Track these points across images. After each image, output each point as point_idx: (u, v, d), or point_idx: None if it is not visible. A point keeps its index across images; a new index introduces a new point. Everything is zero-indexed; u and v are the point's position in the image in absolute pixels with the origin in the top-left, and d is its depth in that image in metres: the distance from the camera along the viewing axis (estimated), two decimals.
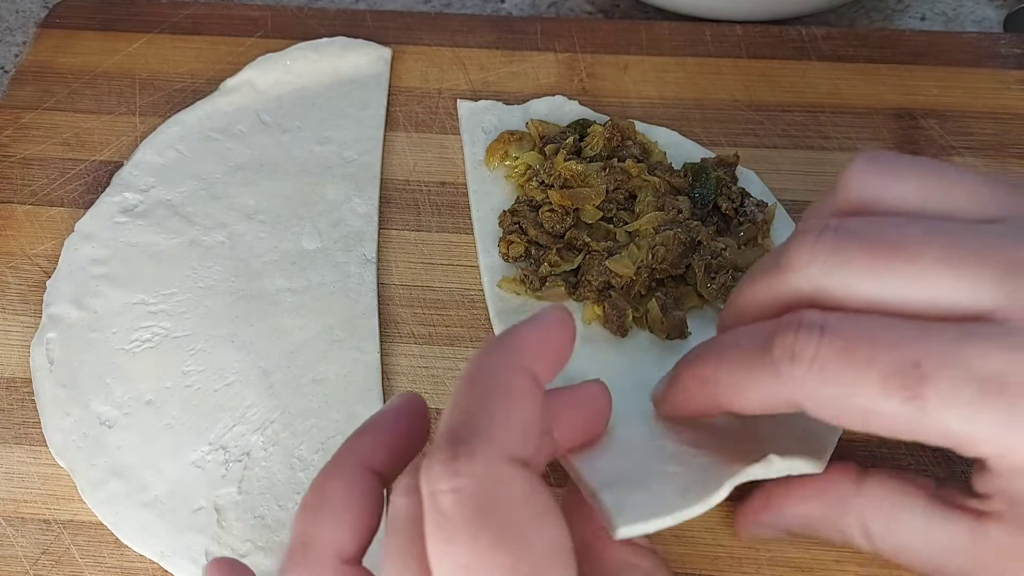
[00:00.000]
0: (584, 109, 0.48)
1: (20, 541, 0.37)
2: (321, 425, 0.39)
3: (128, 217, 0.45)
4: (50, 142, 0.49)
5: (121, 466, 0.38)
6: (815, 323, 0.27)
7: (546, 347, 0.26)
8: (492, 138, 0.47)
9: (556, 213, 0.42)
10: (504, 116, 0.48)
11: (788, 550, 0.35)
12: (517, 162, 0.45)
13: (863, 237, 0.27)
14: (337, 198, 0.46)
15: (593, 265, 0.41)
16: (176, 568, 0.36)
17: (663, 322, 0.39)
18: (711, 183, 0.43)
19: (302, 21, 0.53)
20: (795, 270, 0.28)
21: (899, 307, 0.27)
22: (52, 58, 0.52)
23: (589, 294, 0.41)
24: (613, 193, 0.43)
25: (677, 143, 0.47)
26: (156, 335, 0.41)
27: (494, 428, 0.24)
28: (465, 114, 0.48)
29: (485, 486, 0.23)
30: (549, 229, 0.42)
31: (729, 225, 0.43)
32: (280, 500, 0.37)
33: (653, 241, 0.40)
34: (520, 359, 0.26)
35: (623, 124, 0.45)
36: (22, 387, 0.41)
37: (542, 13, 0.59)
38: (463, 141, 0.47)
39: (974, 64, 0.50)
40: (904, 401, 0.25)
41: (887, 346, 0.26)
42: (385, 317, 0.42)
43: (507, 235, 0.43)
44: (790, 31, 0.52)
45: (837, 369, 0.26)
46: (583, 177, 0.43)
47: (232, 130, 0.48)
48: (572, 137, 0.45)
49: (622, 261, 0.40)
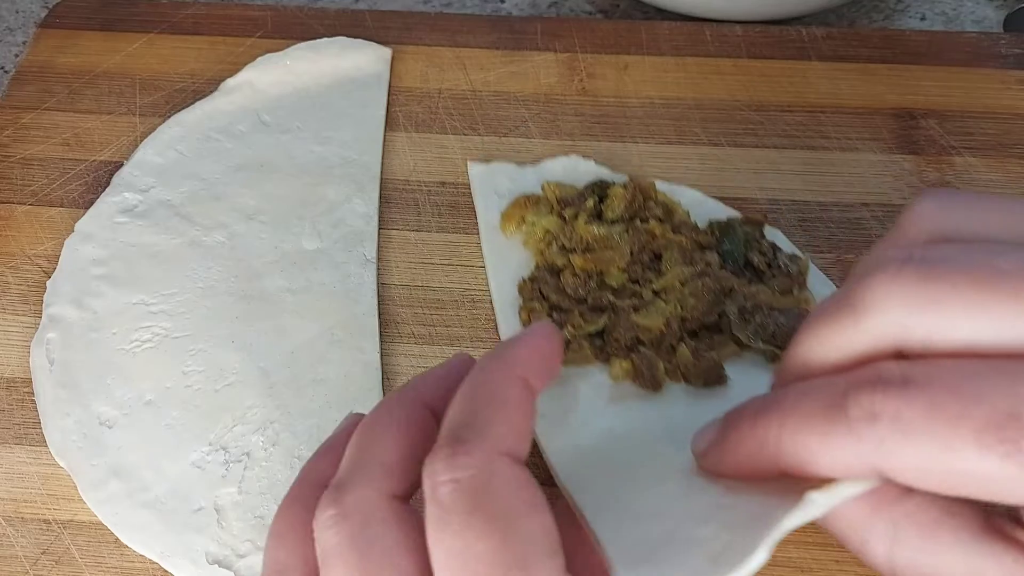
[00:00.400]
0: (601, 169, 0.46)
1: (20, 541, 0.37)
2: (321, 425, 0.39)
3: (128, 217, 0.45)
4: (50, 142, 0.49)
5: (121, 466, 0.38)
6: (895, 377, 0.24)
7: (537, 357, 0.27)
8: (506, 201, 0.44)
9: (579, 277, 0.40)
10: (518, 177, 0.46)
11: (788, 550, 0.35)
12: (535, 228, 0.43)
13: (955, 268, 0.24)
14: (337, 198, 0.46)
15: (620, 322, 0.39)
16: (176, 568, 0.36)
17: (696, 366, 0.37)
18: (739, 238, 0.41)
19: (302, 21, 0.53)
20: (872, 312, 0.25)
21: (993, 348, 0.23)
22: (52, 58, 0.52)
23: (618, 352, 0.38)
24: (638, 255, 0.41)
25: (700, 202, 0.44)
26: (156, 335, 0.41)
27: (491, 428, 0.25)
28: (477, 176, 0.46)
29: (480, 478, 0.24)
30: (572, 293, 0.40)
31: (763, 280, 0.41)
32: (280, 500, 0.37)
33: (681, 292, 0.39)
34: (514, 369, 0.27)
35: (644, 184, 0.43)
36: (22, 387, 0.41)
37: (542, 13, 0.59)
38: (476, 205, 0.45)
39: (974, 64, 0.50)
40: (1004, 457, 0.22)
41: (980, 396, 0.23)
42: (385, 317, 0.42)
43: (528, 303, 0.41)
44: (790, 31, 0.52)
45: (924, 427, 0.23)
46: (605, 240, 0.41)
47: (232, 130, 0.48)
48: (592, 200, 0.43)
49: (651, 314, 0.38)
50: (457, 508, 0.24)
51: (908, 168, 0.46)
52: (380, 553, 0.25)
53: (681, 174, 0.46)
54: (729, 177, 0.46)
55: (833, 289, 0.41)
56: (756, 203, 0.45)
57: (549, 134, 0.48)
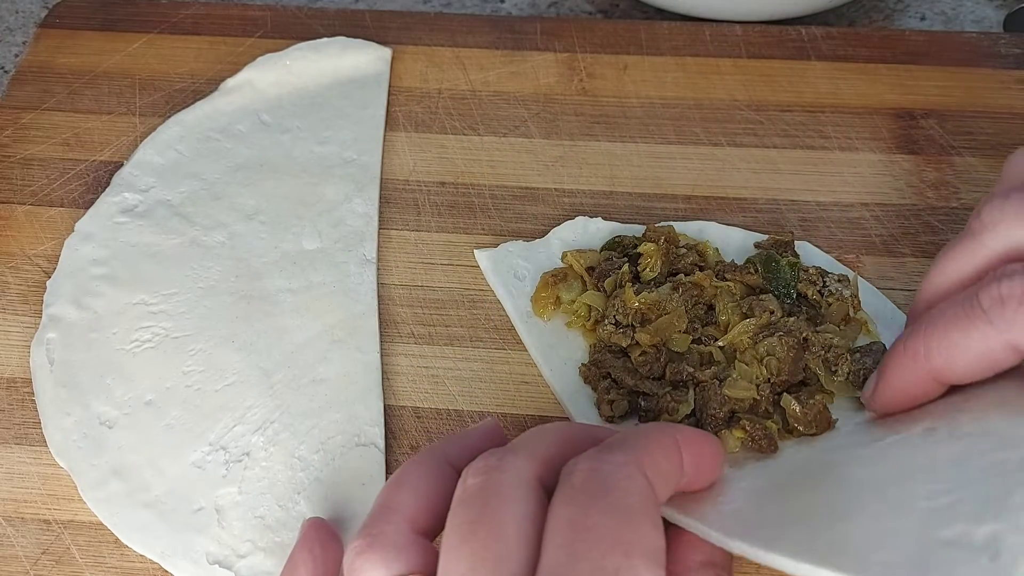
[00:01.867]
0: (612, 224, 0.44)
1: (20, 541, 0.37)
2: (321, 425, 0.39)
3: (128, 217, 0.45)
4: (50, 142, 0.49)
5: (121, 466, 0.38)
6: (1017, 269, 0.29)
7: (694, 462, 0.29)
8: (529, 283, 0.42)
9: (649, 354, 0.38)
10: (531, 255, 0.43)
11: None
12: (575, 306, 0.41)
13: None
14: (337, 198, 0.46)
15: (709, 397, 0.37)
16: (176, 568, 0.36)
17: (805, 415, 0.36)
18: (785, 271, 0.40)
19: (302, 21, 0.53)
20: (988, 230, 0.30)
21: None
22: (52, 58, 0.52)
23: (717, 425, 0.37)
24: (691, 311, 0.39)
25: (722, 234, 0.43)
26: (156, 335, 0.41)
27: (639, 441, 0.28)
28: (488, 264, 0.43)
29: (615, 475, 0.26)
30: (647, 373, 0.38)
31: (818, 309, 0.40)
32: (280, 500, 0.37)
33: (758, 354, 0.38)
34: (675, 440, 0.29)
35: (669, 233, 0.42)
36: (22, 387, 0.41)
37: (542, 13, 0.59)
38: (498, 295, 0.42)
39: (974, 64, 0.50)
40: None
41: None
42: (385, 317, 0.42)
43: (604, 394, 0.38)
44: (790, 31, 0.52)
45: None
46: (659, 305, 0.39)
47: (232, 130, 0.48)
48: (625, 264, 0.41)
49: (739, 384, 0.37)
50: (586, 488, 0.26)
51: (908, 168, 0.46)
52: (500, 503, 0.27)
53: (681, 174, 0.46)
54: (729, 177, 0.46)
55: (876, 291, 0.41)
56: (756, 203, 0.45)
57: (549, 134, 0.48)
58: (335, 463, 0.38)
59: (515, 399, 0.40)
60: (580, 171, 0.47)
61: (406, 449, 0.39)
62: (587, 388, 0.39)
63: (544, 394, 0.40)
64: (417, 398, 0.40)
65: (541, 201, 0.46)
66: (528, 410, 0.40)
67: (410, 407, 0.40)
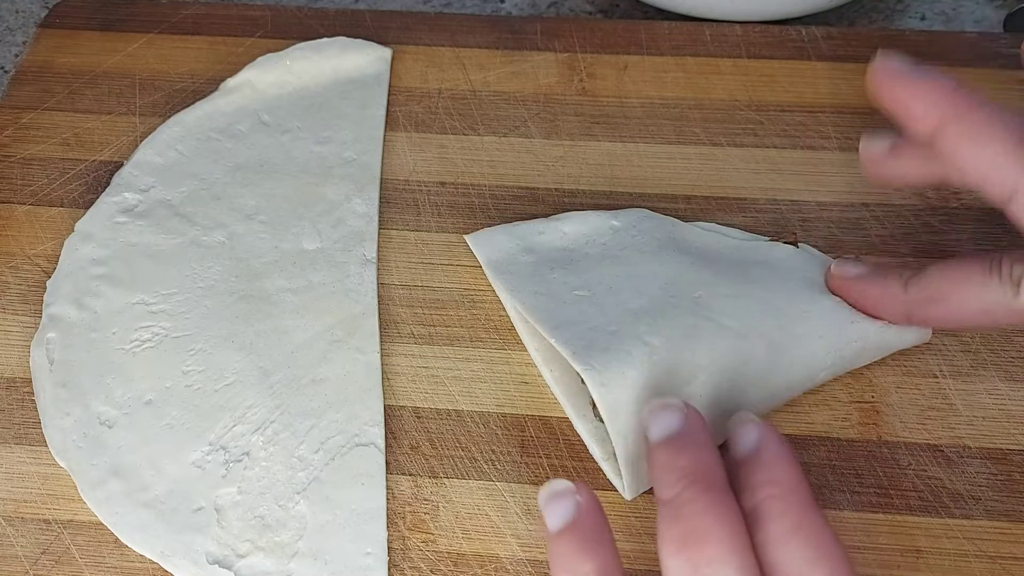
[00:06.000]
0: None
1: (20, 541, 0.37)
2: (321, 425, 0.39)
3: (128, 217, 0.45)
4: (50, 142, 0.49)
5: (121, 466, 0.38)
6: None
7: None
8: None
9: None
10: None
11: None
12: None
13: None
14: (337, 198, 0.46)
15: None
16: (176, 568, 0.36)
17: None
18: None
19: (302, 21, 0.53)
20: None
21: None
22: (52, 58, 0.52)
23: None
24: None
25: (723, 235, 0.43)
26: (156, 335, 0.41)
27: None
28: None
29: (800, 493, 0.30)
30: None
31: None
32: (280, 500, 0.37)
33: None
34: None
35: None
36: (22, 387, 0.41)
37: (542, 13, 0.59)
38: (502, 303, 0.42)
39: (974, 64, 0.50)
40: None
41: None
42: (385, 317, 0.42)
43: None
44: (790, 31, 0.52)
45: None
46: None
47: (232, 130, 0.48)
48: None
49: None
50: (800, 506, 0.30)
51: None
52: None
53: (681, 174, 0.46)
54: (729, 177, 0.46)
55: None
56: (756, 203, 0.45)
57: (549, 134, 0.48)
58: (335, 463, 0.38)
59: (515, 399, 0.40)
60: (580, 171, 0.47)
61: (406, 449, 0.39)
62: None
63: (544, 394, 0.40)
64: (417, 398, 0.40)
65: (541, 201, 0.46)
66: (528, 410, 0.40)
67: (410, 407, 0.40)
